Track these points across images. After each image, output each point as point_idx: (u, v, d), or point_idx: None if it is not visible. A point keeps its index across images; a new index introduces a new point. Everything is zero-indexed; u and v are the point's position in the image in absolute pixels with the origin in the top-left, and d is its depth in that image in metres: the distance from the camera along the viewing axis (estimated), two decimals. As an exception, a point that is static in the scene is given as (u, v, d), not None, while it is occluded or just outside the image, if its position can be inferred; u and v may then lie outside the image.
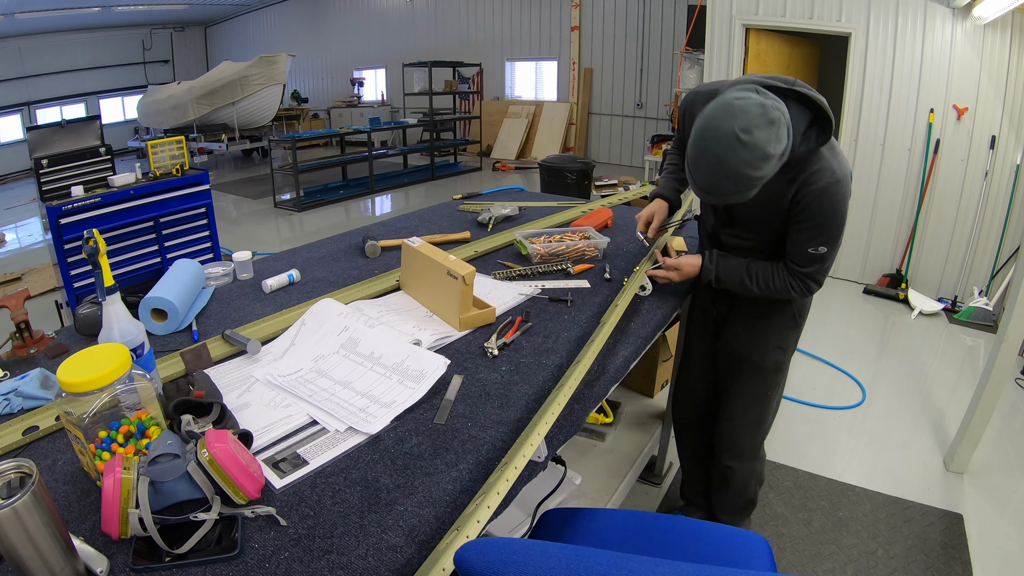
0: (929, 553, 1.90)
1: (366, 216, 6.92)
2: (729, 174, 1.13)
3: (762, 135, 1.09)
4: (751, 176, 1.13)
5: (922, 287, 4.10)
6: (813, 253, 1.33)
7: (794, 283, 1.40)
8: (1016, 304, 2.08)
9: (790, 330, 1.59)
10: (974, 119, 3.75)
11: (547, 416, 0.96)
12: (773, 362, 1.61)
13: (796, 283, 1.40)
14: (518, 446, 0.90)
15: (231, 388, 1.11)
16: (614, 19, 9.01)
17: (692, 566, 0.61)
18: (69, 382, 0.77)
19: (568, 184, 5.44)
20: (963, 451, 2.30)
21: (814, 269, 1.37)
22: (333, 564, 0.73)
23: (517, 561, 0.61)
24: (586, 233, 1.89)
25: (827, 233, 1.31)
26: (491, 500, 0.79)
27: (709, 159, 1.15)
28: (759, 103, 1.10)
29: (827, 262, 1.36)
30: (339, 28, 12.73)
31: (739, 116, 1.10)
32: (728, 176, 1.14)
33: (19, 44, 11.16)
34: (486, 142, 10.10)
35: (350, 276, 1.68)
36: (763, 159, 1.10)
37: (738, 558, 1.08)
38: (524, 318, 1.39)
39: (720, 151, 1.12)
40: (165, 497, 0.78)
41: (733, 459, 1.74)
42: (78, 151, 3.40)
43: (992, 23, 3.56)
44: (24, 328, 1.24)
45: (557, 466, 1.36)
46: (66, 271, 3.18)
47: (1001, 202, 3.77)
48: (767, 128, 1.09)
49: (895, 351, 3.38)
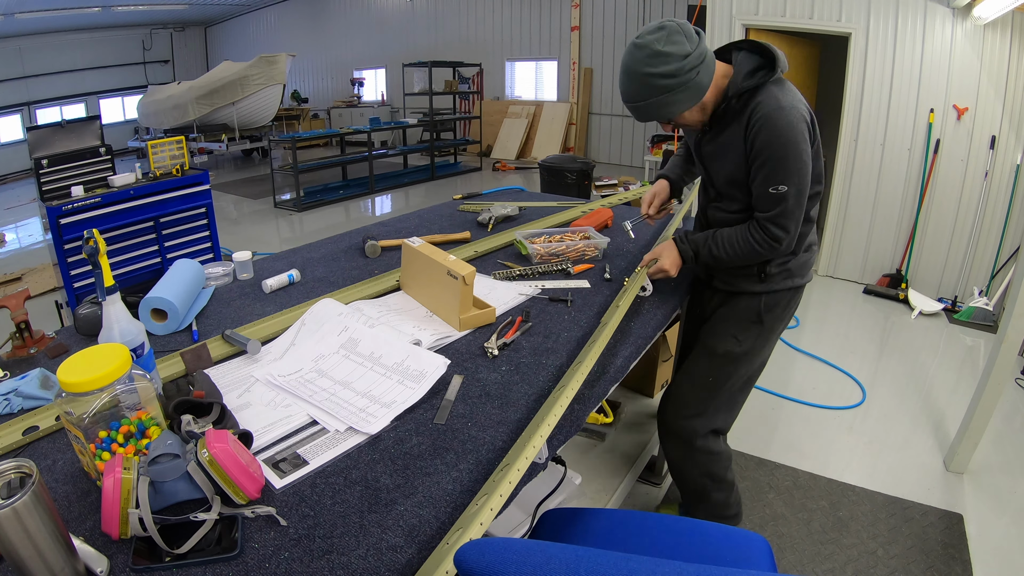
0: (929, 553, 1.90)
1: (366, 216, 6.92)
2: (631, 75, 1.28)
3: (651, 38, 1.25)
4: (649, 73, 1.25)
5: (922, 287, 4.10)
6: (774, 193, 1.32)
7: (756, 236, 1.38)
8: (1016, 304, 2.08)
9: (751, 323, 1.55)
10: (974, 119, 3.75)
11: (549, 418, 0.96)
12: (723, 349, 1.57)
13: (758, 235, 1.37)
14: (520, 447, 0.90)
15: (231, 388, 1.11)
16: (614, 19, 9.01)
17: (692, 566, 0.61)
18: (69, 382, 0.77)
19: (568, 184, 5.45)
20: (963, 451, 2.30)
21: (775, 212, 1.34)
22: (333, 564, 0.73)
23: (517, 561, 0.61)
24: (586, 233, 1.89)
25: (783, 168, 1.30)
26: (494, 502, 0.79)
27: (621, 70, 1.32)
28: (658, 20, 1.28)
29: (788, 203, 1.32)
30: (339, 28, 12.73)
31: (640, 32, 1.29)
32: (631, 77, 1.29)
33: (19, 44, 11.17)
34: (486, 142, 10.10)
35: (350, 276, 1.68)
36: (654, 55, 1.24)
37: (738, 558, 1.08)
38: (524, 318, 1.39)
39: (625, 59, 1.30)
40: (165, 497, 0.78)
41: (664, 435, 1.71)
42: (78, 151, 3.40)
43: (992, 23, 3.56)
44: (24, 328, 1.24)
45: (557, 466, 1.36)
46: (66, 271, 3.18)
47: (1001, 202, 3.77)
48: (657, 32, 1.25)
49: (895, 351, 3.38)
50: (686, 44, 1.24)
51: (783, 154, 1.29)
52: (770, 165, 1.31)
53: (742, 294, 1.55)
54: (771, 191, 1.32)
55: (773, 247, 1.38)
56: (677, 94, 1.27)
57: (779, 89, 1.31)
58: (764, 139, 1.29)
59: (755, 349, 1.57)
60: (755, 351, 1.58)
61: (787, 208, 1.33)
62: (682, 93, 1.27)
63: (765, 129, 1.29)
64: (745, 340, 1.56)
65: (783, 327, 1.60)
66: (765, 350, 1.60)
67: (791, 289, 1.53)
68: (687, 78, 1.25)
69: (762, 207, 1.37)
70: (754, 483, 2.24)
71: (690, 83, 1.26)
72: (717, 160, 1.44)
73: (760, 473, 2.30)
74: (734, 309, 1.58)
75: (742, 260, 1.44)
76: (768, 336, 1.57)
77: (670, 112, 1.31)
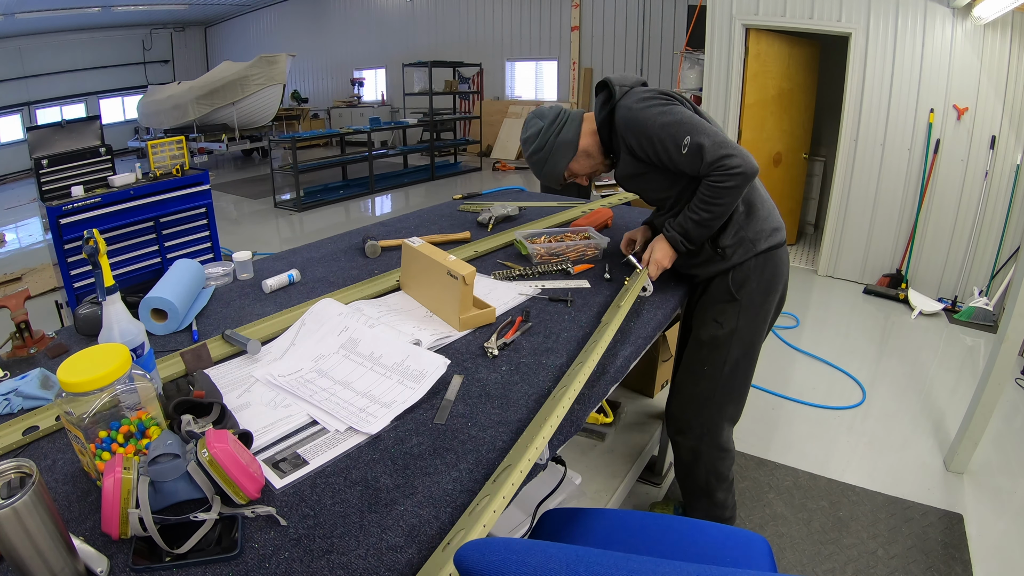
0: (929, 553, 1.90)
1: (366, 216, 6.92)
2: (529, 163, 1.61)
3: (522, 135, 1.60)
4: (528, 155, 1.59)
5: (922, 287, 4.10)
6: (688, 152, 1.37)
7: (712, 179, 1.37)
8: (1016, 304, 2.08)
9: (726, 303, 1.55)
10: (974, 119, 3.76)
11: (551, 419, 0.96)
12: (708, 335, 1.59)
13: (713, 177, 1.37)
14: (522, 448, 0.90)
15: (231, 388, 1.11)
16: (614, 19, 9.01)
17: (692, 566, 0.61)
18: (69, 382, 0.77)
19: (568, 184, 5.44)
20: (963, 451, 2.30)
21: (708, 156, 1.35)
22: (333, 564, 0.73)
23: (517, 561, 0.61)
24: (586, 233, 1.89)
25: (670, 133, 1.39)
26: (496, 504, 0.79)
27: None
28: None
29: (706, 144, 1.34)
30: (339, 28, 12.73)
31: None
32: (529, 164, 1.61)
33: (19, 44, 11.17)
34: (486, 142, 10.10)
35: (350, 276, 1.68)
36: (523, 143, 1.59)
37: (738, 558, 1.08)
38: (524, 318, 1.39)
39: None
40: (165, 497, 0.78)
41: (675, 433, 1.73)
42: (78, 151, 3.40)
43: (992, 23, 3.56)
44: (24, 328, 1.24)
45: (557, 466, 1.36)
46: (66, 271, 3.18)
47: (1001, 202, 3.77)
48: (522, 130, 1.61)
49: (895, 351, 3.38)
50: (538, 122, 1.55)
51: (657, 124, 1.41)
52: (662, 140, 1.41)
53: (714, 276, 1.57)
54: (684, 152, 1.38)
55: (734, 174, 1.35)
56: (553, 156, 1.55)
57: (625, 99, 1.49)
58: (641, 135, 1.44)
59: (740, 328, 1.56)
60: (740, 330, 1.56)
61: (707, 147, 1.35)
62: (556, 154, 1.54)
63: (634, 130, 1.45)
64: (726, 321, 1.56)
65: (769, 300, 1.57)
66: (752, 327, 1.57)
67: (757, 256, 1.51)
68: (550, 144, 1.54)
69: (695, 167, 1.38)
70: (754, 483, 2.24)
71: (556, 145, 1.53)
72: (631, 181, 1.60)
73: (760, 473, 2.30)
74: (707, 291, 1.61)
75: (723, 208, 1.41)
76: (751, 312, 1.55)
77: (558, 171, 1.57)
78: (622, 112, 1.47)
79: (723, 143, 1.35)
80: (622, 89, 1.49)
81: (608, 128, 1.54)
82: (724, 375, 1.60)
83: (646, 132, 1.42)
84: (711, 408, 1.64)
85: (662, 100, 1.44)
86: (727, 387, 1.63)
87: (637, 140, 1.45)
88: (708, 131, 1.37)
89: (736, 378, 1.62)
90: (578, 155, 1.56)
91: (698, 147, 1.36)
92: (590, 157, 1.58)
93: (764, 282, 1.54)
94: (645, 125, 1.42)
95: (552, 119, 1.54)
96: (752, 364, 1.64)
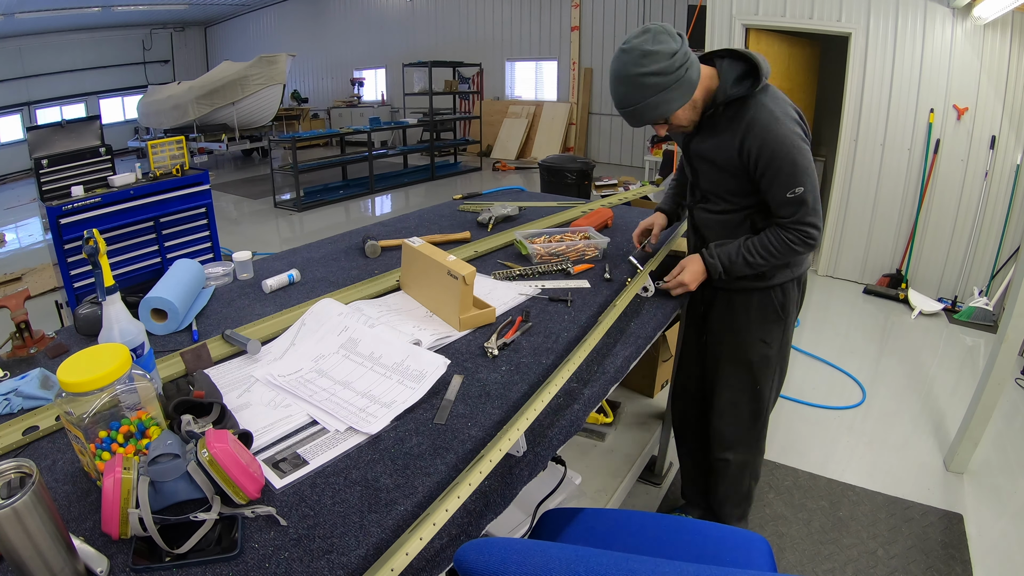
0: (929, 553, 1.90)
1: (366, 216, 6.92)
2: (622, 79, 1.29)
3: (637, 40, 1.27)
4: (639, 73, 1.26)
5: (922, 287, 4.10)
6: (792, 197, 1.36)
7: (790, 236, 1.41)
8: (1016, 304, 2.08)
9: (773, 323, 1.59)
10: (974, 119, 3.75)
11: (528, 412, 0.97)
12: (757, 355, 1.62)
13: (791, 236, 1.41)
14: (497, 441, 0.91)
15: (231, 388, 1.11)
16: (614, 19, 9.01)
17: (692, 566, 0.61)
18: (69, 382, 0.77)
19: (568, 184, 5.44)
20: (963, 451, 2.30)
21: (801, 214, 1.38)
22: (333, 564, 0.73)
23: (517, 561, 0.61)
24: (586, 233, 1.89)
25: (794, 172, 1.34)
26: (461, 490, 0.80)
27: (611, 77, 1.33)
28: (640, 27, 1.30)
29: (809, 203, 1.37)
30: (339, 28, 12.73)
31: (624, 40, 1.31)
32: (622, 81, 1.29)
33: (19, 44, 11.16)
34: (486, 142, 10.10)
35: (350, 276, 1.68)
36: (643, 55, 1.26)
37: (738, 558, 1.08)
38: (524, 318, 1.39)
39: (614, 66, 1.32)
40: (165, 497, 0.78)
41: (726, 451, 1.75)
42: (78, 151, 3.40)
43: (992, 23, 3.56)
44: (24, 328, 1.24)
45: (557, 466, 1.36)
46: (66, 271, 3.18)
47: (1001, 202, 3.76)
48: (643, 35, 1.27)
49: (895, 351, 3.38)
50: (672, 42, 1.26)
51: (791, 160, 1.33)
52: (783, 173, 1.35)
53: (751, 291, 1.57)
54: (789, 196, 1.36)
55: (809, 244, 1.41)
56: (670, 92, 1.29)
57: (768, 99, 1.35)
58: (769, 151, 1.33)
59: (782, 343, 1.65)
60: (783, 345, 1.65)
61: (809, 206, 1.38)
62: (675, 91, 1.29)
63: (767, 142, 1.33)
64: (773, 340, 1.61)
65: (795, 315, 1.65)
66: (789, 338, 1.67)
67: (793, 280, 1.58)
68: (677, 75, 1.27)
69: (785, 212, 1.40)
70: (754, 483, 2.24)
71: (681, 79, 1.28)
72: (706, 162, 1.49)
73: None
74: (749, 312, 1.59)
75: (779, 262, 1.47)
76: (787, 327, 1.63)
77: (665, 110, 1.32)
78: (763, 114, 1.33)
79: (817, 209, 1.39)
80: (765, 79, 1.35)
81: (725, 106, 1.37)
82: (773, 388, 1.69)
83: (773, 153, 1.33)
84: (762, 421, 1.72)
85: (803, 134, 1.36)
86: (775, 396, 1.73)
87: (758, 148, 1.34)
88: (816, 191, 1.38)
89: (779, 386, 1.72)
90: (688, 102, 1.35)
91: (800, 202, 1.37)
92: (694, 110, 1.40)
93: (798, 298, 1.63)
94: (777, 146, 1.33)
95: (685, 50, 1.29)
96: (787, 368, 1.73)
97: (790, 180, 1.35)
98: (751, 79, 1.35)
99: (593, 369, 1.19)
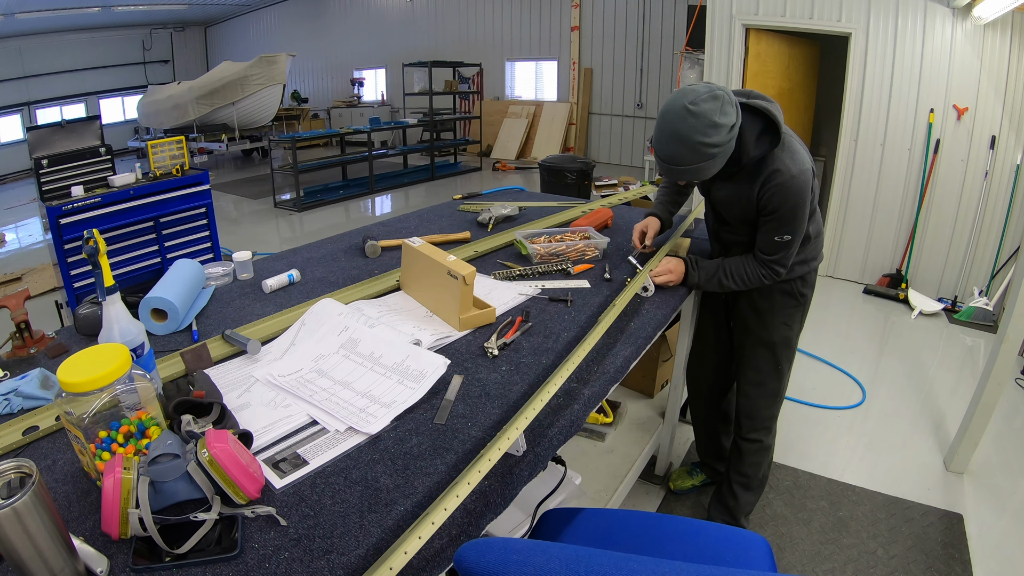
0: (929, 553, 1.90)
1: (366, 216, 6.92)
2: (683, 141, 1.32)
3: (708, 107, 1.29)
4: (702, 142, 1.30)
5: (922, 287, 4.10)
6: (779, 241, 1.49)
7: (762, 272, 1.56)
8: (1016, 304, 2.08)
9: (793, 308, 1.72)
10: (974, 119, 3.75)
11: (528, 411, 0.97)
12: (780, 336, 1.74)
13: (764, 272, 1.56)
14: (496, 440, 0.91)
15: (231, 388, 1.11)
16: (614, 19, 9.01)
17: (692, 566, 0.61)
18: (69, 382, 0.77)
19: (568, 184, 5.44)
20: (963, 451, 2.30)
21: (780, 256, 1.52)
22: (333, 564, 0.73)
23: (517, 561, 0.61)
24: (586, 233, 1.89)
25: (790, 223, 1.47)
26: (460, 489, 0.80)
27: (666, 131, 1.34)
28: (705, 85, 1.32)
29: (791, 248, 1.51)
30: (339, 28, 12.73)
31: (688, 94, 1.32)
32: (683, 143, 1.32)
33: (19, 44, 11.16)
34: (486, 142, 10.10)
35: (350, 276, 1.68)
36: (710, 126, 1.29)
37: (738, 558, 1.08)
38: (524, 318, 1.39)
39: (675, 123, 1.32)
40: (165, 497, 0.78)
41: (751, 431, 1.84)
42: (78, 151, 3.40)
43: (992, 23, 3.56)
44: (24, 328, 1.24)
45: (557, 466, 1.36)
46: (66, 271, 3.18)
47: (1001, 202, 3.76)
48: (712, 102, 1.29)
49: (895, 351, 3.38)
50: (733, 115, 1.32)
51: (792, 214, 1.45)
52: (779, 221, 1.47)
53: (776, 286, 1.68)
54: (776, 239, 1.49)
55: (774, 279, 1.59)
56: (718, 160, 1.36)
57: (788, 155, 1.41)
58: (778, 202, 1.43)
59: (800, 326, 1.78)
60: (799, 328, 1.78)
61: (789, 252, 1.52)
62: (720, 159, 1.36)
63: (780, 195, 1.42)
64: (794, 323, 1.74)
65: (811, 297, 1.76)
66: (803, 322, 1.78)
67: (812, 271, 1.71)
68: (728, 147, 1.35)
69: (766, 250, 1.53)
70: (754, 483, 2.24)
71: (729, 150, 1.36)
72: (728, 206, 1.59)
73: (760, 473, 2.30)
74: (771, 299, 1.70)
75: (745, 287, 1.61)
76: (805, 311, 1.75)
77: (706, 175, 1.39)
78: (782, 174, 1.39)
79: (792, 255, 1.53)
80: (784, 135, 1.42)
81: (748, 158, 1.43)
82: (787, 369, 1.81)
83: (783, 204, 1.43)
84: (778, 401, 1.84)
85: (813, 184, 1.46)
86: (787, 379, 1.83)
87: (769, 198, 1.43)
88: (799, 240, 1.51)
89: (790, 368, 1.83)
90: None
91: (784, 246, 1.49)
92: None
93: (812, 286, 1.74)
94: (788, 200, 1.42)
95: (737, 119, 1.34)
96: None
97: (785, 228, 1.47)
98: (770, 135, 1.41)
99: (593, 369, 1.19)
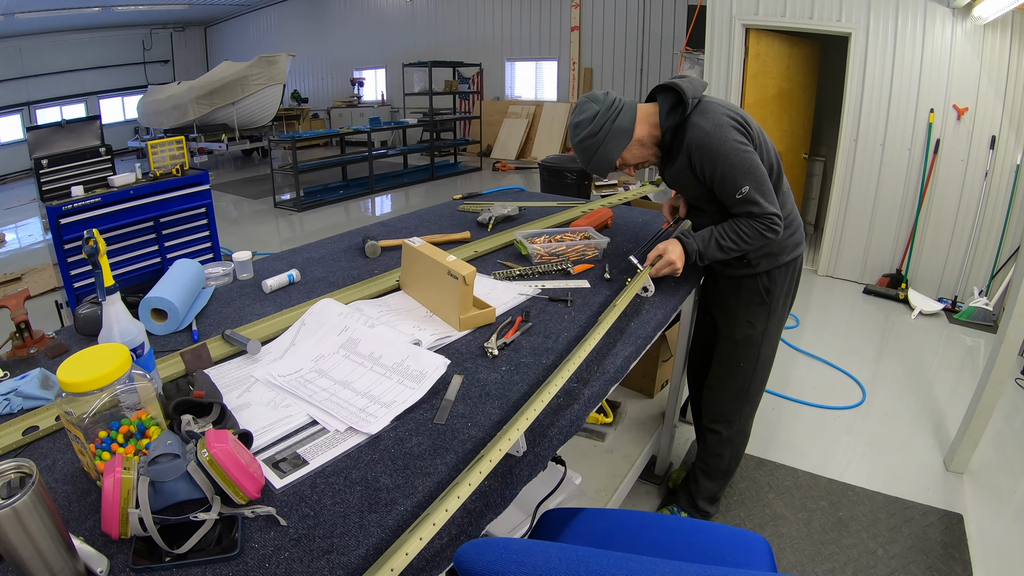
0: (929, 553, 1.90)
1: (366, 216, 6.91)
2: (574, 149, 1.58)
3: (571, 118, 1.56)
4: (577, 143, 1.54)
5: (922, 287, 4.10)
6: (740, 197, 1.48)
7: (758, 225, 1.51)
8: (1016, 304, 2.08)
9: (758, 306, 1.71)
10: (974, 119, 3.75)
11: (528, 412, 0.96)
12: (741, 335, 1.75)
13: (758, 224, 1.51)
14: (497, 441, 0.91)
15: (231, 388, 1.11)
16: (614, 19, 9.01)
17: (692, 566, 0.61)
18: (69, 382, 0.77)
19: (568, 184, 5.43)
20: (963, 451, 2.30)
21: (752, 208, 1.49)
22: (333, 564, 0.73)
23: (517, 561, 0.61)
24: (586, 233, 1.89)
25: (734, 176, 1.46)
26: (461, 490, 0.80)
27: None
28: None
29: (759, 199, 1.48)
30: (339, 28, 12.73)
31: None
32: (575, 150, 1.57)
33: (19, 44, 11.16)
34: (486, 142, 10.10)
35: (350, 276, 1.68)
36: (573, 128, 1.54)
37: (738, 558, 1.08)
38: (524, 318, 1.39)
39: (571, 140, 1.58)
40: (165, 497, 0.78)
41: (710, 422, 1.91)
42: (78, 151, 3.40)
43: (992, 23, 3.56)
44: (24, 328, 1.24)
45: (557, 466, 1.36)
46: (66, 271, 3.18)
47: (1001, 202, 3.76)
48: (573, 111, 1.55)
49: (895, 351, 3.38)
50: (594, 106, 1.51)
51: (727, 163, 1.46)
52: (726, 179, 1.48)
53: (740, 278, 1.71)
54: (737, 197, 1.49)
55: (775, 230, 1.51)
56: (606, 145, 1.51)
57: (700, 116, 1.49)
58: (708, 162, 1.48)
59: (769, 328, 1.75)
60: (769, 329, 1.75)
61: (757, 200, 1.48)
62: (609, 142, 1.51)
63: (704, 155, 1.48)
64: (758, 322, 1.73)
65: (789, 303, 1.76)
66: (777, 327, 1.77)
67: (781, 267, 1.68)
68: (605, 129, 1.50)
69: (738, 210, 1.52)
70: (754, 483, 2.24)
71: (611, 131, 1.50)
72: (677, 184, 1.67)
73: (760, 473, 2.30)
74: (738, 295, 1.73)
75: (749, 246, 1.54)
76: (777, 313, 1.74)
77: (611, 159, 1.53)
78: (696, 132, 1.48)
79: (770, 200, 1.49)
80: (693, 101, 1.49)
81: (671, 134, 1.54)
82: (756, 369, 1.80)
83: (713, 163, 1.47)
84: (744, 399, 1.84)
85: (741, 136, 1.47)
86: (758, 380, 1.83)
87: (700, 162, 1.49)
88: (762, 185, 1.48)
89: (764, 371, 1.83)
90: (632, 143, 1.54)
91: (750, 200, 1.48)
92: (643, 147, 1.57)
93: (786, 287, 1.73)
94: (714, 155, 1.46)
95: (609, 104, 1.51)
96: (774, 358, 1.84)
97: (734, 183, 1.47)
98: (681, 106, 1.49)
99: (593, 369, 1.19)
